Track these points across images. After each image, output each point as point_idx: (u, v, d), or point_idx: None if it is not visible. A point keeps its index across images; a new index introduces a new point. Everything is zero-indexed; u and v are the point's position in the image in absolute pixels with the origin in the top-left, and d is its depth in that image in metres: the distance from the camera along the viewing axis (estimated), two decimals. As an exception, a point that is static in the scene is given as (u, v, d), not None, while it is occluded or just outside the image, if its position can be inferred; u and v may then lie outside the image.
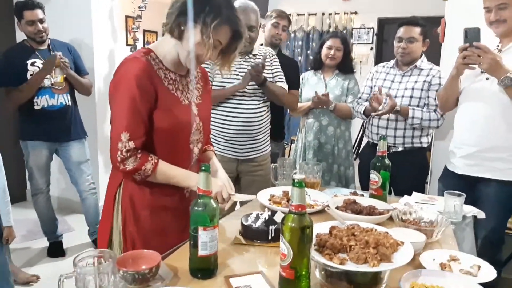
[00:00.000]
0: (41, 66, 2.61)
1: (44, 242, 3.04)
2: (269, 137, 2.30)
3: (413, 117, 2.27)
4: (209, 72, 2.06)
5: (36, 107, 2.67)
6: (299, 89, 2.89)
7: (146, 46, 1.32)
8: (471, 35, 1.68)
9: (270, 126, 2.29)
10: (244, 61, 2.15)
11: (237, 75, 2.11)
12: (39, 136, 2.74)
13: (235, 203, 1.59)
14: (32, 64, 2.64)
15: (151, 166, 1.23)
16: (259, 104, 2.15)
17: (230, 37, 1.29)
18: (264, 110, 2.19)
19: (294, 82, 2.59)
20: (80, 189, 2.92)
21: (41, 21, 2.62)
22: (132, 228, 1.29)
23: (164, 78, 1.28)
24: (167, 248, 1.21)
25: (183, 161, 1.34)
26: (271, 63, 2.24)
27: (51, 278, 2.58)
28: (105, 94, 3.42)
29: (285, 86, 2.27)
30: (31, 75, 2.61)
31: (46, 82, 2.65)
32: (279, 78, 2.25)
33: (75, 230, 3.31)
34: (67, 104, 2.74)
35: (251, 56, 2.17)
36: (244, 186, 2.23)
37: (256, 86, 2.13)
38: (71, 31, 3.27)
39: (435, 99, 2.25)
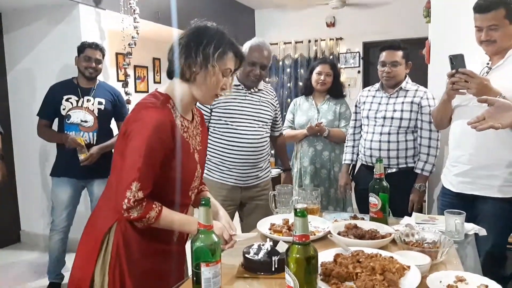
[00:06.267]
0: (74, 103, 2.70)
1: (39, 284, 2.95)
2: (269, 164, 2.32)
3: (430, 171, 2.31)
4: (205, 106, 2.10)
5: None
6: (292, 115, 2.94)
7: (163, 91, 1.31)
8: (456, 61, 1.71)
9: (270, 153, 2.31)
10: (249, 94, 2.19)
11: (243, 107, 2.15)
12: (62, 172, 2.76)
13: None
14: (67, 100, 2.70)
15: (155, 214, 1.21)
16: (262, 132, 2.18)
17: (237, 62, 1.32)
18: (266, 141, 2.22)
19: None
20: None
21: (97, 61, 2.77)
22: (124, 270, 1.24)
23: (180, 126, 1.28)
24: None
25: (181, 207, 1.34)
26: (275, 101, 2.35)
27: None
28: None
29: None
30: (63, 109, 2.69)
31: (75, 119, 2.69)
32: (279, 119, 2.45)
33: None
34: (91, 143, 2.72)
35: (256, 90, 2.22)
36: (248, 212, 2.24)
37: (260, 115, 2.18)
38: (61, 71, 3.29)
39: (429, 122, 2.28)
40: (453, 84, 1.74)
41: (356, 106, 2.60)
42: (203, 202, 1.03)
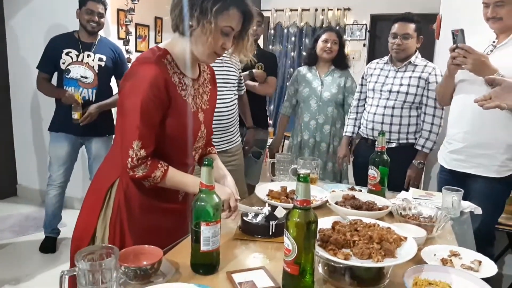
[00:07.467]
0: (74, 57, 2.64)
1: (35, 237, 3.00)
2: (238, 129, 2.34)
3: (431, 149, 2.30)
4: None
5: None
6: (293, 88, 2.92)
7: (162, 46, 1.25)
8: (457, 36, 1.70)
9: (239, 118, 2.35)
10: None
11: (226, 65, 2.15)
12: (60, 128, 2.74)
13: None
14: (67, 54, 2.64)
15: (161, 173, 1.21)
16: (230, 95, 2.19)
17: (242, 20, 1.22)
18: (235, 103, 2.25)
19: (272, 70, 2.89)
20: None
21: (100, 15, 2.68)
22: (124, 225, 1.26)
23: (178, 84, 1.23)
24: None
25: (184, 167, 1.32)
26: (237, 59, 2.36)
27: (45, 274, 2.55)
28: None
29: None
30: (63, 63, 2.64)
31: (75, 74, 2.64)
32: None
33: (67, 226, 3.26)
34: (90, 100, 2.67)
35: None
36: None
37: (225, 78, 2.17)
38: (60, 26, 3.20)
39: (435, 99, 2.26)
40: (454, 59, 1.73)
41: (362, 78, 2.56)
42: (206, 162, 1.02)
